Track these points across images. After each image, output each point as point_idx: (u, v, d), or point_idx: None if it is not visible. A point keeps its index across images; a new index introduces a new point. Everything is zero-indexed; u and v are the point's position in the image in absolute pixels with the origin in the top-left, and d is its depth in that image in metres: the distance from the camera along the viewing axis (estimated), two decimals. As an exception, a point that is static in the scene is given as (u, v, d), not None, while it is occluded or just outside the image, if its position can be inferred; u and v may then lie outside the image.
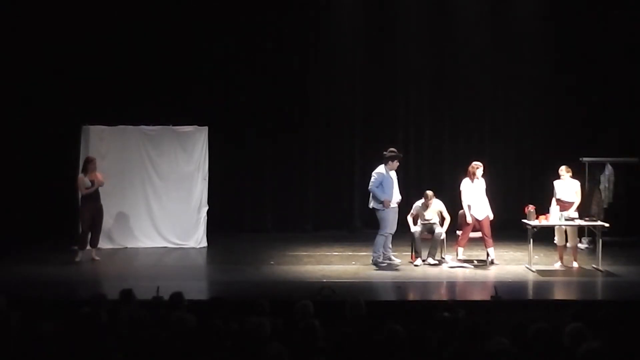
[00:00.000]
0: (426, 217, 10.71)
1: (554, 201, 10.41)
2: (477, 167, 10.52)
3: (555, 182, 10.53)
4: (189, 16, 13.04)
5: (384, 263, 10.26)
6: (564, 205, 10.33)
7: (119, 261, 11.11)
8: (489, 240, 10.44)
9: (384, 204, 10.16)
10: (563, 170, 10.50)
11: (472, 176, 10.50)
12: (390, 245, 10.37)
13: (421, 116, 13.91)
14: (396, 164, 10.37)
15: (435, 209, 10.80)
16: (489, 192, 10.91)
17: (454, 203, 11.00)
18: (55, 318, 5.35)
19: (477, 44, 13.72)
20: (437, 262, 10.44)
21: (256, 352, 4.58)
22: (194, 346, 4.87)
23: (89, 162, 10.82)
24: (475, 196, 10.49)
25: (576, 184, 10.46)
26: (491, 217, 10.58)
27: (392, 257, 10.34)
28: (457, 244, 10.53)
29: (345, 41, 13.78)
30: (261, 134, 13.55)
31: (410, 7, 13.75)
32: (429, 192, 10.78)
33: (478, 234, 10.59)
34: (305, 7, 13.52)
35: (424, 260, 10.43)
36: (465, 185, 10.55)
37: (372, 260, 10.28)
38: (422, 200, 10.78)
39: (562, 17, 13.39)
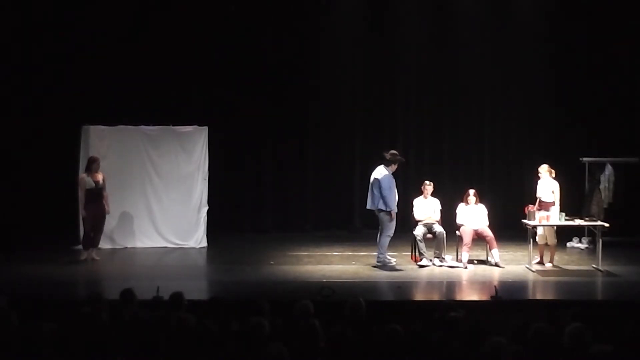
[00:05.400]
0: (425, 212, 10.73)
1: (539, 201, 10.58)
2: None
3: (538, 182, 10.64)
4: (189, 16, 13.03)
5: (392, 262, 10.27)
6: (542, 205, 10.38)
7: (119, 261, 11.11)
8: (493, 241, 10.44)
9: (391, 214, 10.20)
10: (542, 169, 10.56)
11: (466, 201, 10.69)
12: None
13: (421, 116, 13.92)
14: (396, 167, 10.40)
15: (433, 203, 10.84)
16: (488, 199, 10.99)
17: (452, 205, 11.00)
18: (55, 318, 5.35)
19: (478, 45, 13.72)
20: (442, 263, 10.43)
21: (256, 352, 4.58)
22: (194, 346, 4.87)
23: (93, 161, 10.80)
24: (468, 218, 10.58)
25: (553, 184, 10.48)
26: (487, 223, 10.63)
27: (388, 257, 10.38)
28: (464, 247, 10.39)
29: (345, 41, 13.78)
30: (261, 134, 13.55)
31: (411, 8, 13.75)
32: (427, 182, 10.93)
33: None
34: (306, 7, 13.51)
35: (431, 260, 10.43)
36: (459, 209, 10.71)
37: (379, 261, 10.27)
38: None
39: (563, 17, 13.40)
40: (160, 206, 12.11)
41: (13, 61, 12.56)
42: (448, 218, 10.92)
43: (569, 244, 12.15)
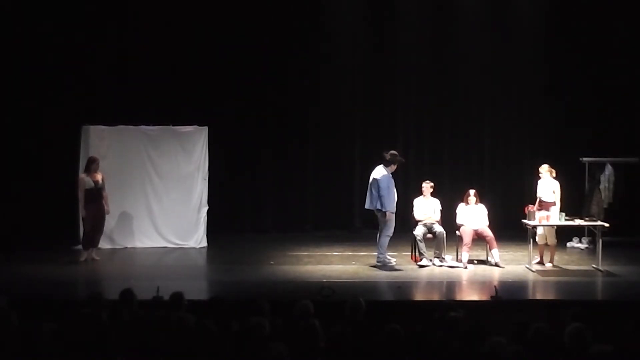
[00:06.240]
0: (425, 212, 10.73)
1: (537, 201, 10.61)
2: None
3: (539, 181, 10.65)
4: (190, 16, 13.02)
5: (392, 262, 10.27)
6: (543, 205, 10.39)
7: (119, 261, 11.11)
8: (493, 241, 10.44)
9: (387, 214, 10.20)
10: (542, 169, 10.58)
11: (466, 201, 10.70)
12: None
13: (421, 116, 13.92)
14: (395, 167, 10.40)
15: (433, 203, 10.85)
16: (488, 199, 10.99)
17: (452, 205, 11.00)
18: (55, 318, 5.35)
19: (477, 45, 13.72)
20: (442, 263, 10.43)
21: (256, 352, 4.58)
22: (194, 346, 4.87)
23: (92, 162, 10.80)
24: (468, 218, 10.58)
25: (554, 184, 10.51)
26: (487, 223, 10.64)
27: (388, 257, 10.38)
28: (464, 247, 10.38)
29: (345, 42, 13.78)
30: (261, 134, 13.55)
31: (411, 8, 13.76)
32: (427, 181, 10.95)
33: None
34: (306, 7, 13.51)
35: (431, 260, 10.43)
36: (459, 209, 10.71)
37: (379, 261, 10.27)
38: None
39: (563, 17, 13.39)
40: (160, 206, 12.11)
41: (13, 61, 12.54)
42: (448, 218, 10.92)
43: (569, 244, 12.16)
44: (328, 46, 13.69)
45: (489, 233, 10.49)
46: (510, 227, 11.66)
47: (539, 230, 10.36)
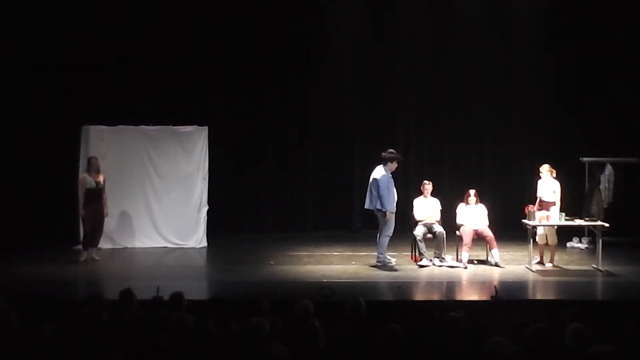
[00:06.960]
0: (425, 212, 10.73)
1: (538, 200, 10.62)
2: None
3: (539, 181, 10.65)
4: (190, 16, 13.02)
5: (392, 262, 10.27)
6: (543, 205, 10.40)
7: (119, 261, 11.11)
8: (493, 241, 10.43)
9: (387, 214, 10.20)
10: (543, 169, 10.58)
11: (466, 201, 10.69)
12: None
13: (421, 116, 13.92)
14: (395, 165, 10.39)
15: (433, 203, 10.85)
16: (488, 199, 10.99)
17: (452, 205, 11.00)
18: (55, 318, 5.35)
19: (478, 45, 13.72)
20: (442, 263, 10.42)
21: (256, 352, 4.58)
22: (194, 346, 4.87)
23: (93, 162, 10.81)
24: (468, 218, 10.57)
25: (554, 184, 10.51)
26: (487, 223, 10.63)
27: (388, 257, 10.38)
28: (464, 247, 10.38)
29: (346, 42, 13.78)
30: (261, 134, 13.55)
31: (411, 8, 13.76)
32: (426, 181, 10.94)
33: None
34: (306, 8, 13.51)
35: (431, 260, 10.43)
36: (459, 209, 10.70)
37: (379, 261, 10.26)
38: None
39: (563, 16, 13.38)
40: (160, 206, 12.12)
41: (13, 61, 12.54)
42: (448, 218, 10.92)
43: (569, 244, 12.16)
44: (328, 46, 13.68)
45: (489, 233, 10.49)
46: (510, 227, 11.66)
47: (539, 230, 10.37)
